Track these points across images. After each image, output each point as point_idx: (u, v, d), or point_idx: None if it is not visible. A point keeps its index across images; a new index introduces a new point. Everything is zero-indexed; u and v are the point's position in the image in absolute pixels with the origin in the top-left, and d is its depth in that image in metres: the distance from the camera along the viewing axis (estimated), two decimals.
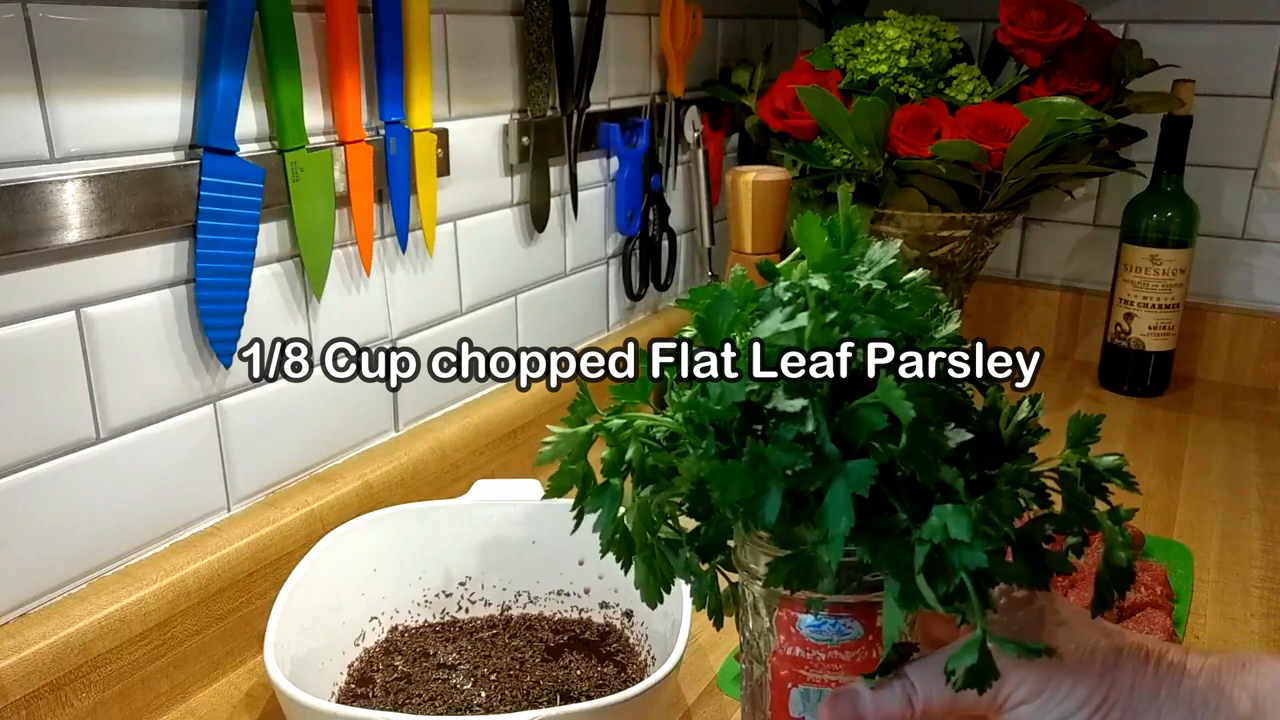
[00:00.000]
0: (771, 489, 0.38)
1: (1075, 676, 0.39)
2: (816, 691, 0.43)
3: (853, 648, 0.42)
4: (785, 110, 1.11)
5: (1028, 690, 0.39)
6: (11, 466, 0.59)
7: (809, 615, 0.43)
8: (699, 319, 0.43)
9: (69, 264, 0.60)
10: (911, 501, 0.38)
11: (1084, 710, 0.39)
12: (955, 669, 0.38)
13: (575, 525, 0.47)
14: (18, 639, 0.58)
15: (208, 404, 0.70)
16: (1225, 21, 1.18)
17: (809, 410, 0.38)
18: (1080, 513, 0.41)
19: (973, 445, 0.39)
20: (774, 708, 0.45)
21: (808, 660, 0.43)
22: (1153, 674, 0.40)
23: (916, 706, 0.40)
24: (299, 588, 0.65)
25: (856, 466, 0.37)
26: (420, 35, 0.78)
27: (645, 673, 0.69)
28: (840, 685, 0.43)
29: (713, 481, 0.38)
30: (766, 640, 0.45)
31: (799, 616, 0.43)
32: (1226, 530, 0.91)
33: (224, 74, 0.64)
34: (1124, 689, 0.39)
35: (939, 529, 0.36)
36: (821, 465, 0.37)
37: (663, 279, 1.20)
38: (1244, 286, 1.25)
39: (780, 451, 0.37)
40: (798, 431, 0.38)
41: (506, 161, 0.93)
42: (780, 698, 0.44)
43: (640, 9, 1.08)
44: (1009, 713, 0.40)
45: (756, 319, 0.41)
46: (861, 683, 0.42)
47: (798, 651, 0.43)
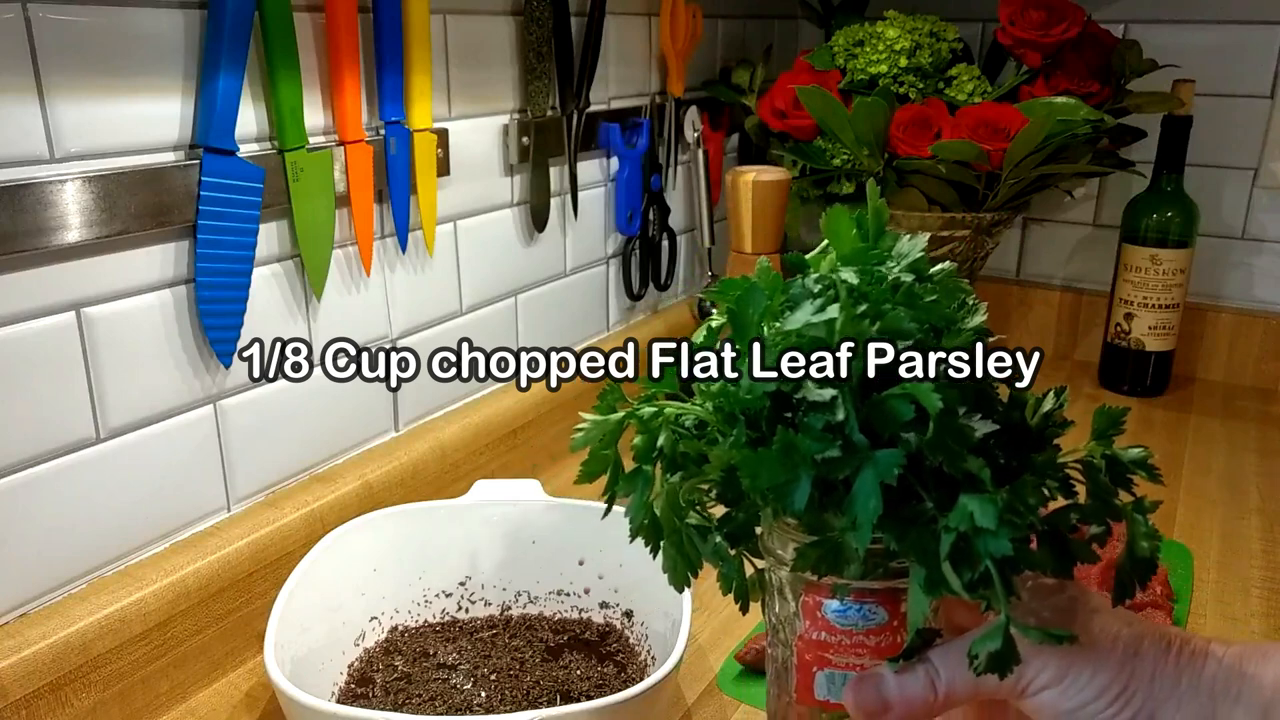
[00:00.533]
0: (801, 476, 0.38)
1: (1096, 663, 0.40)
2: (841, 675, 0.44)
3: (877, 633, 0.43)
4: (785, 110, 1.11)
5: (1050, 676, 0.40)
6: (11, 466, 0.59)
7: (834, 600, 0.43)
8: (730, 311, 0.43)
9: (69, 264, 0.60)
10: (938, 490, 0.39)
11: (1104, 697, 0.40)
12: (978, 654, 0.39)
13: (606, 511, 0.49)
14: (18, 639, 0.58)
15: (208, 404, 0.70)
16: (1225, 21, 1.18)
17: (838, 400, 0.39)
18: (1104, 503, 0.42)
19: (998, 436, 0.40)
20: (799, 691, 0.45)
21: (833, 645, 0.44)
22: (1174, 662, 0.40)
23: (940, 690, 0.41)
24: (299, 588, 0.65)
25: (885, 455, 0.38)
26: (420, 35, 0.78)
27: (645, 673, 0.69)
28: (865, 669, 0.43)
29: (743, 468, 0.39)
30: (792, 625, 0.45)
31: (825, 602, 0.44)
32: (1226, 530, 0.91)
33: (224, 74, 0.64)
34: (1145, 677, 0.40)
35: (965, 517, 0.37)
36: (850, 454, 0.38)
37: (663, 279, 1.20)
38: (1244, 286, 1.25)
39: (810, 440, 0.38)
40: (827, 421, 0.39)
41: (506, 161, 0.93)
42: (805, 681, 0.45)
43: (640, 9, 1.08)
44: (1030, 698, 0.40)
45: (786, 310, 0.42)
46: (886, 667, 0.42)
47: (823, 636, 0.44)
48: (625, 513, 0.46)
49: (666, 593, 0.67)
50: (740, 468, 0.39)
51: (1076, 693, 0.40)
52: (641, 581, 0.73)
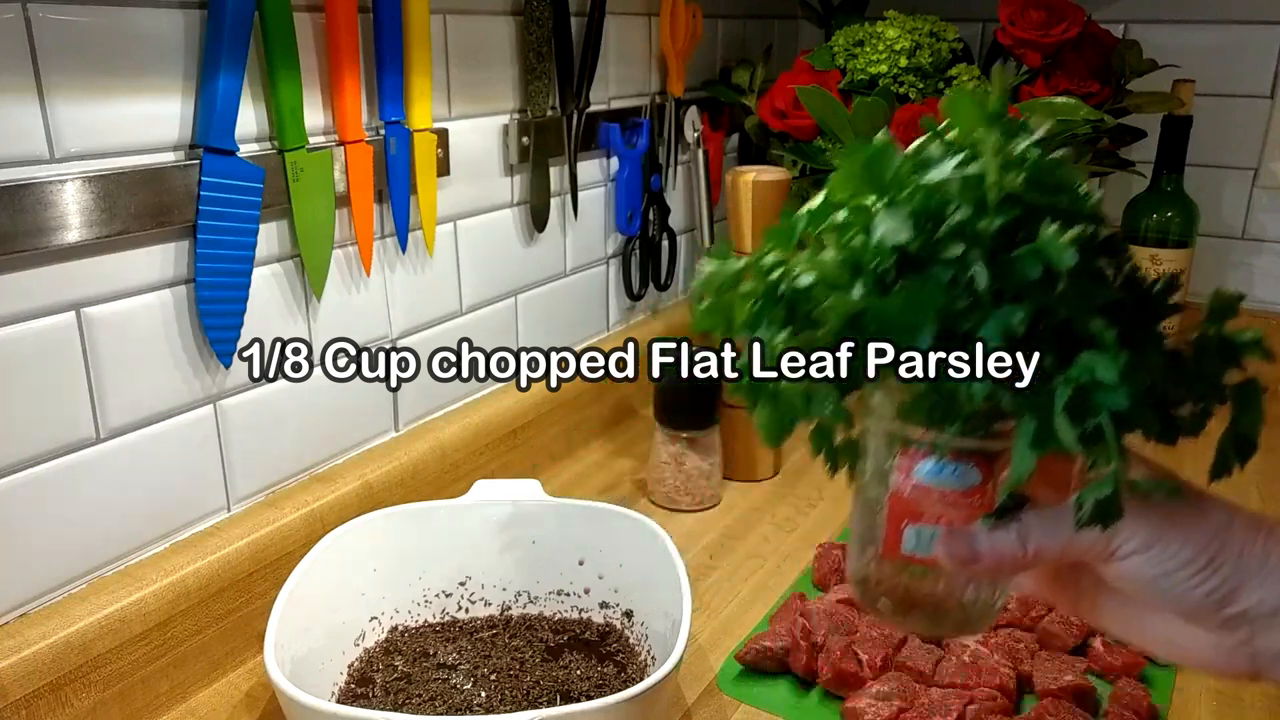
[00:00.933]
0: (926, 322, 0.40)
1: (1187, 533, 0.41)
2: (930, 530, 0.45)
3: (970, 494, 0.44)
4: (785, 110, 1.11)
5: (1139, 542, 0.41)
6: (11, 466, 0.59)
7: (931, 460, 0.44)
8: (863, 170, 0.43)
9: (69, 264, 0.60)
10: (1057, 350, 0.40)
11: (1190, 567, 0.41)
12: (1085, 502, 0.40)
13: (718, 365, 0.48)
14: (18, 639, 0.58)
15: (208, 404, 0.70)
16: (1225, 21, 1.18)
17: (969, 255, 0.40)
18: (1212, 383, 0.43)
19: (1115, 309, 0.41)
20: (886, 545, 0.46)
21: (925, 502, 0.45)
22: (1263, 542, 0.41)
23: (1029, 548, 0.42)
24: (299, 588, 0.65)
25: (1010, 310, 0.39)
26: (420, 35, 0.78)
27: (645, 673, 0.69)
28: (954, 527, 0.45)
29: (870, 313, 0.40)
30: (885, 481, 0.47)
31: (921, 461, 0.45)
32: None
33: (224, 74, 0.64)
34: (1233, 552, 0.41)
35: (1086, 370, 0.38)
36: (976, 307, 0.39)
37: (663, 279, 1.20)
38: (1244, 286, 1.25)
39: (937, 290, 0.40)
40: (955, 275, 0.40)
41: (506, 161, 0.93)
42: (894, 536, 0.46)
43: (640, 9, 1.08)
44: (1118, 562, 0.41)
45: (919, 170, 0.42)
46: (979, 524, 0.43)
47: (916, 494, 0.45)
48: (732, 367, 0.46)
49: (666, 593, 0.68)
50: (868, 312, 0.41)
51: (1163, 560, 0.41)
52: (641, 581, 0.73)
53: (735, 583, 0.83)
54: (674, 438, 0.93)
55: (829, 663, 0.68)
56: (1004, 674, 0.66)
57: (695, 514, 0.95)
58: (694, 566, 0.85)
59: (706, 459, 0.94)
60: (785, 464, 1.04)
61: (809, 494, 0.98)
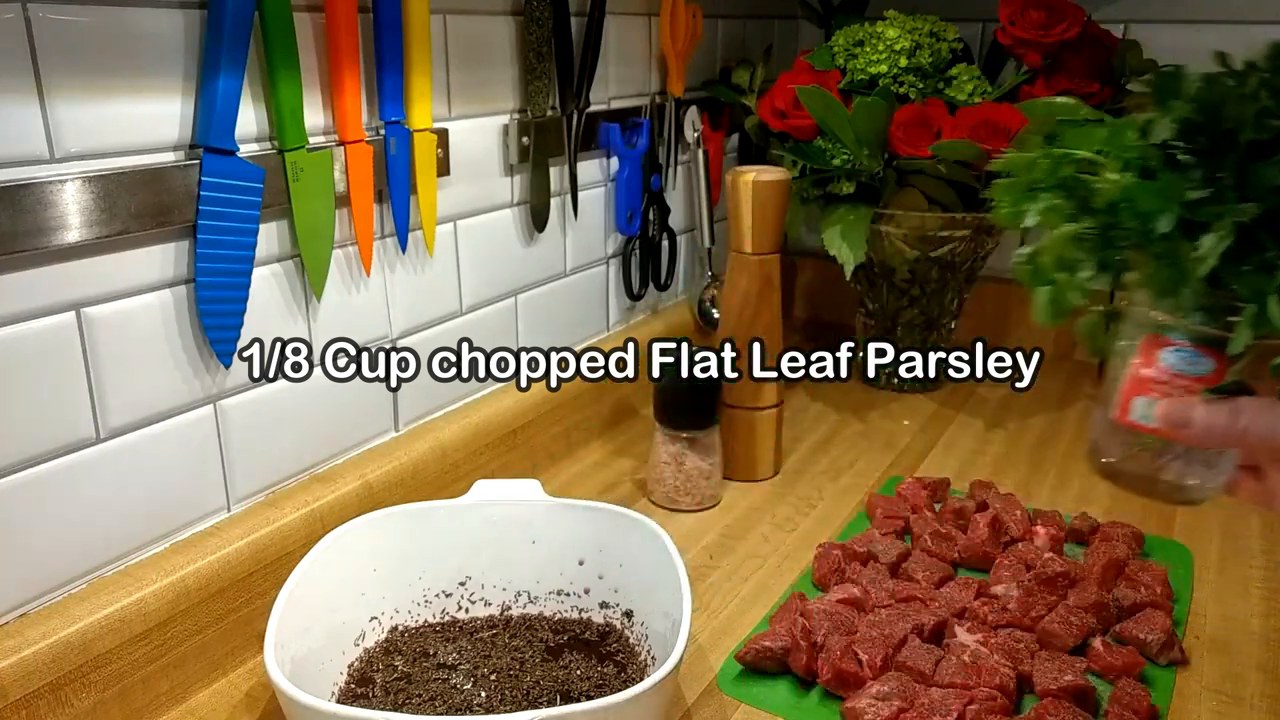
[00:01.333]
0: (1169, 208, 0.48)
1: None
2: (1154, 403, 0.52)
3: (1199, 380, 0.51)
4: (785, 110, 1.11)
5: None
6: (11, 466, 0.59)
7: (1171, 346, 0.51)
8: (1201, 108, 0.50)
9: (69, 264, 0.60)
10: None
11: None
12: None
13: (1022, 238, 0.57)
14: (18, 639, 0.58)
15: (208, 404, 0.70)
16: (1225, 21, 1.18)
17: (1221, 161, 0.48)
18: None
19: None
20: (1119, 408, 0.54)
21: (1158, 379, 0.52)
22: None
23: (1239, 424, 0.47)
24: (299, 588, 0.65)
25: (1245, 206, 0.47)
26: (420, 35, 0.78)
27: (645, 673, 0.70)
28: None
29: (1125, 195, 0.49)
30: (1130, 356, 0.54)
31: (1162, 348, 0.52)
32: (1226, 530, 0.91)
33: (224, 74, 0.64)
34: None
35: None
36: (1216, 200, 0.47)
37: (663, 279, 1.21)
38: None
39: (1184, 182, 0.48)
40: (1204, 174, 0.48)
41: (506, 161, 0.93)
42: (1125, 404, 0.54)
43: (640, 9, 1.08)
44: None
45: None
46: (1199, 396, 0.50)
47: (1152, 373, 0.52)
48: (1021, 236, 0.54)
49: (666, 593, 0.68)
50: (1124, 194, 0.49)
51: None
52: (641, 581, 0.73)
53: (735, 583, 0.83)
54: (674, 438, 0.93)
55: (829, 663, 0.68)
56: (1004, 674, 0.66)
57: (695, 514, 0.95)
58: (694, 566, 0.85)
59: (706, 459, 0.94)
60: (785, 464, 1.04)
61: (809, 494, 0.98)
